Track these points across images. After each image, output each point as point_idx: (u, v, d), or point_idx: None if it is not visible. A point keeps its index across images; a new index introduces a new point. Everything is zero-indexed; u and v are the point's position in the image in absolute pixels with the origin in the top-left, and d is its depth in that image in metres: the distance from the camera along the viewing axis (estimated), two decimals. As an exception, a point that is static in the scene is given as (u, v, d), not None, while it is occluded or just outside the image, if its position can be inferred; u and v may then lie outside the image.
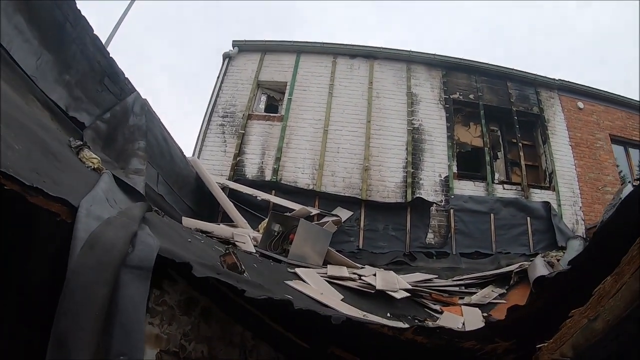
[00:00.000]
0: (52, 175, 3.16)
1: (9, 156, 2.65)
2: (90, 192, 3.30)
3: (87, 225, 2.50)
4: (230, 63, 13.69)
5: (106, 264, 2.27)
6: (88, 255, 2.27)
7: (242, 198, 10.68)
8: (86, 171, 4.65)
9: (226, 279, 2.84)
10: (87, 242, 2.35)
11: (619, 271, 1.84)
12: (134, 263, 2.40)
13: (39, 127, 4.19)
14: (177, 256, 2.73)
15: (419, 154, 12.01)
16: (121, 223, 2.77)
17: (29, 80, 5.14)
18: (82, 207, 2.64)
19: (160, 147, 8.25)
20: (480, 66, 13.99)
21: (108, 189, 3.95)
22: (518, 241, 10.81)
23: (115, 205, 3.52)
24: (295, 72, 13.39)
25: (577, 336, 2.03)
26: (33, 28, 5.18)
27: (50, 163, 3.58)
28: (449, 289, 7.69)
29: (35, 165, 3.05)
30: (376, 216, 10.91)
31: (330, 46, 13.88)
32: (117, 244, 2.43)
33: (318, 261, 7.96)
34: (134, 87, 7.62)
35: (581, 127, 13.52)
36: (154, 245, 2.60)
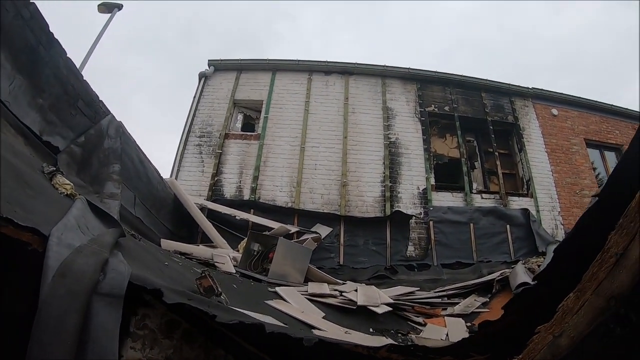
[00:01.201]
0: (24, 204, 3.15)
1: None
2: (62, 219, 3.27)
3: (58, 254, 2.49)
4: (206, 82, 13.69)
5: (77, 293, 2.26)
6: (59, 284, 2.27)
7: (221, 218, 10.66)
8: (59, 198, 4.58)
9: (197, 304, 2.81)
10: (58, 271, 2.35)
11: (580, 287, 1.86)
12: (105, 291, 2.39)
13: (11, 154, 4.15)
14: (149, 282, 2.71)
15: (396, 168, 12.06)
16: (92, 251, 2.77)
17: (2, 104, 5.05)
18: (53, 236, 2.63)
19: (137, 169, 8.17)
20: (454, 78, 14.15)
21: (80, 215, 3.90)
22: (499, 249, 10.87)
23: (87, 232, 3.49)
24: (271, 90, 13.43)
25: (544, 352, 2.03)
26: (5, 51, 5.11)
27: (22, 191, 3.55)
28: (432, 301, 7.67)
29: (7, 193, 3.02)
30: (356, 231, 10.91)
31: (305, 63, 13.96)
32: (87, 272, 2.43)
33: (299, 279, 7.92)
34: (108, 109, 7.55)
35: (556, 133, 13.74)
36: (125, 272, 2.59)
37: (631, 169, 1.84)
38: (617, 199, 1.78)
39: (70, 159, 6.28)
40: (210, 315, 2.76)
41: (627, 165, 1.98)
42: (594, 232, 1.88)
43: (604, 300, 1.72)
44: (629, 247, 1.62)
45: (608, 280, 1.71)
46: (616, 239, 1.71)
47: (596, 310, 1.75)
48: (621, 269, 1.65)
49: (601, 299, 1.73)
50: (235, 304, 3.95)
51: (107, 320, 2.30)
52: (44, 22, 5.72)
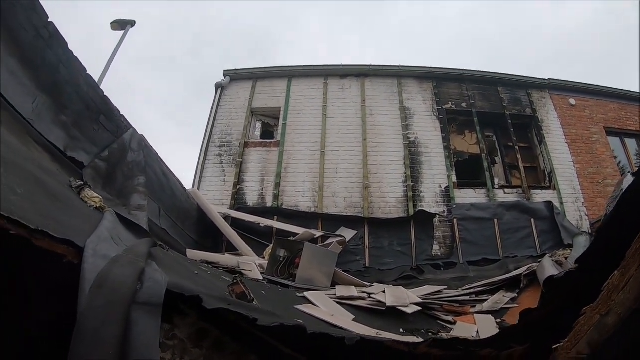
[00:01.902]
0: (56, 217, 3.18)
1: (13, 200, 2.69)
2: (95, 231, 3.31)
3: (94, 265, 2.52)
4: (222, 93, 13.80)
5: (116, 303, 2.27)
6: (97, 295, 2.28)
7: (244, 226, 10.71)
8: (89, 211, 4.65)
9: (237, 308, 2.84)
10: (95, 282, 2.36)
11: (625, 264, 1.87)
12: (143, 300, 2.40)
13: (39, 170, 4.22)
14: (186, 289, 2.73)
15: (417, 167, 12.06)
16: (128, 260, 2.79)
17: (26, 123, 5.15)
18: (88, 248, 2.65)
19: (160, 182, 8.27)
20: (470, 74, 14.10)
21: (112, 227, 3.94)
22: (524, 244, 10.79)
23: (120, 243, 3.51)
24: (288, 96, 13.52)
25: (592, 333, 2.03)
26: (27, 71, 5.22)
27: (53, 205, 3.60)
28: (460, 299, 7.59)
29: (39, 208, 3.07)
30: (380, 233, 10.90)
31: (320, 68, 14.02)
32: (125, 282, 2.45)
33: (326, 283, 7.91)
34: (129, 123, 7.63)
35: (575, 123, 13.60)
36: (163, 281, 2.61)
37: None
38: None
39: (95, 173, 6.35)
40: (251, 319, 2.76)
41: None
42: (636, 209, 1.89)
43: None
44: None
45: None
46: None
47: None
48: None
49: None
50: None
51: (146, 330, 2.31)
52: (63, 41, 5.82)
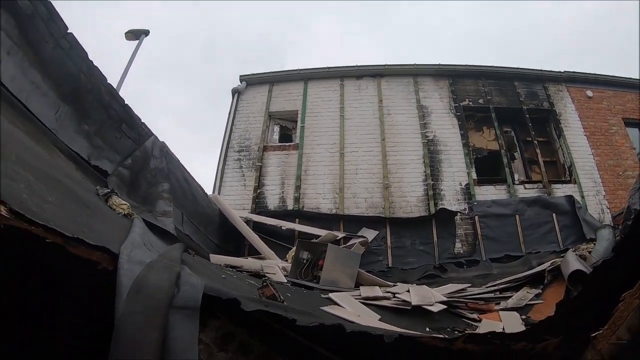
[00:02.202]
0: (88, 224, 3.22)
1: (46, 209, 2.73)
2: (127, 238, 3.38)
3: (130, 271, 2.54)
4: (239, 98, 13.92)
5: (154, 308, 2.30)
6: (135, 301, 2.30)
7: (266, 229, 10.78)
8: (117, 218, 4.74)
9: (275, 309, 2.85)
10: (132, 288, 2.39)
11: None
12: (180, 304, 2.42)
13: (67, 178, 4.30)
14: (223, 292, 2.75)
15: (436, 165, 12.06)
16: (163, 265, 2.84)
17: (50, 132, 5.27)
18: (122, 254, 2.69)
19: (182, 188, 8.37)
20: (485, 70, 14.08)
21: (143, 233, 4.00)
22: (546, 239, 10.72)
23: (152, 248, 3.56)
24: (305, 99, 13.59)
25: (631, 318, 2.06)
26: (49, 81, 5.34)
27: (84, 212, 3.66)
28: (484, 296, 7.60)
29: (71, 215, 3.13)
30: (402, 232, 10.92)
31: (336, 70, 14.09)
32: (162, 286, 2.48)
33: (350, 284, 7.93)
34: (150, 130, 7.76)
35: (593, 115, 13.47)
36: (199, 285, 2.63)
37: None
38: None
39: (120, 181, 6.47)
40: (290, 319, 2.78)
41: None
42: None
43: None
44: None
45: None
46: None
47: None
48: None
49: None
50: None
51: (184, 334, 2.33)
52: (83, 51, 5.93)
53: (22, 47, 4.93)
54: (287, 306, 3.38)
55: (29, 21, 5.01)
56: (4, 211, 2.17)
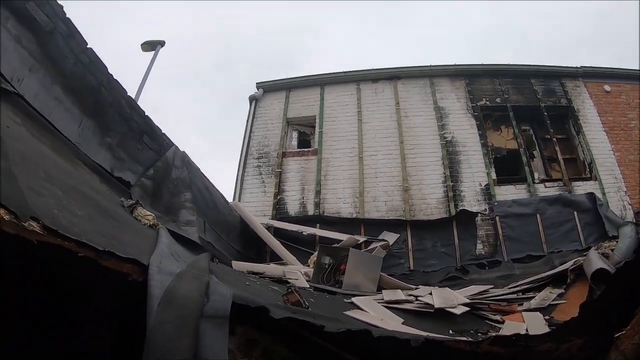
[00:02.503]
0: (116, 236, 3.32)
1: (76, 223, 2.82)
2: (155, 249, 3.47)
3: (160, 281, 2.59)
4: (257, 105, 14.05)
5: (185, 317, 2.35)
6: (166, 311, 2.35)
7: (287, 235, 10.86)
8: (143, 229, 4.85)
9: (303, 316, 2.92)
10: (163, 298, 2.43)
11: None
12: (210, 313, 2.47)
13: (92, 191, 4.42)
14: (251, 301, 2.80)
15: (456, 167, 12.05)
16: (192, 276, 2.88)
17: (74, 146, 5.42)
18: (152, 265, 2.74)
19: (204, 197, 8.48)
20: (501, 68, 14.03)
21: (170, 243, 4.10)
22: (568, 238, 10.64)
23: (179, 258, 3.61)
24: (322, 104, 13.67)
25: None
26: (70, 96, 5.49)
27: (111, 224, 3.75)
28: (507, 297, 7.57)
29: (100, 228, 3.21)
30: (423, 235, 10.93)
31: (352, 74, 14.14)
32: (192, 296, 2.54)
33: (372, 288, 7.97)
34: (171, 141, 7.92)
35: (612, 110, 13.32)
36: (228, 294, 2.68)
37: None
38: None
39: (143, 191, 6.63)
40: (319, 325, 2.84)
41: None
42: None
43: None
44: None
45: None
46: None
47: None
48: None
49: None
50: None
51: (214, 342, 2.37)
52: (103, 65, 6.09)
53: (44, 63, 5.09)
54: (314, 312, 3.42)
55: (49, 38, 5.16)
56: (37, 228, 2.25)
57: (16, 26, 4.68)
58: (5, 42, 4.49)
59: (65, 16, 5.44)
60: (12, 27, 4.62)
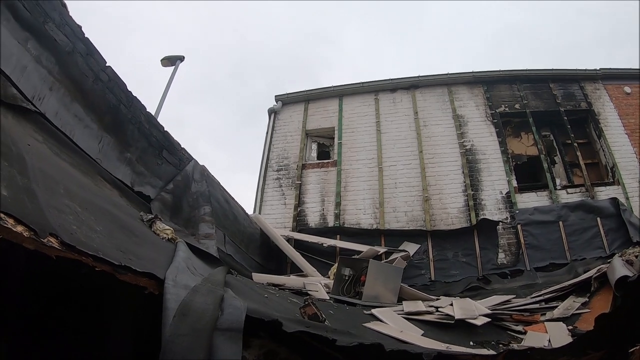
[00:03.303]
0: (134, 251, 3.39)
1: (94, 239, 2.91)
2: (172, 263, 3.54)
3: (176, 295, 2.69)
4: (276, 117, 14.19)
5: (200, 330, 2.43)
6: (182, 323, 2.44)
7: (307, 247, 10.94)
8: (162, 242, 4.92)
9: (316, 330, 2.97)
10: (178, 311, 2.52)
11: None
12: (225, 326, 2.54)
13: (112, 206, 4.53)
14: (265, 314, 2.88)
15: (476, 175, 12.01)
16: (208, 289, 2.98)
17: (94, 162, 5.53)
18: (168, 279, 2.85)
19: (223, 209, 8.57)
20: (519, 74, 13.94)
21: (187, 257, 4.17)
22: (592, 244, 10.50)
23: (195, 272, 3.72)
24: (341, 115, 13.76)
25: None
26: (91, 114, 5.60)
27: (129, 239, 3.84)
28: (529, 307, 7.46)
29: (118, 243, 3.29)
30: (444, 245, 10.90)
31: (370, 84, 14.20)
32: (207, 309, 2.62)
33: (392, 299, 7.96)
34: (190, 155, 8.02)
35: (633, 112, 13.05)
36: (242, 307, 2.75)
37: None
38: None
39: (163, 205, 6.72)
40: (331, 339, 2.88)
41: None
42: None
43: None
44: None
45: None
46: None
47: None
48: None
49: None
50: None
51: (228, 354, 2.44)
52: (122, 82, 6.22)
53: (64, 82, 5.21)
54: (328, 326, 3.47)
55: (68, 58, 5.27)
56: (55, 244, 2.35)
57: (36, 47, 4.79)
58: (26, 63, 4.62)
59: (84, 36, 5.56)
60: (32, 47, 4.73)
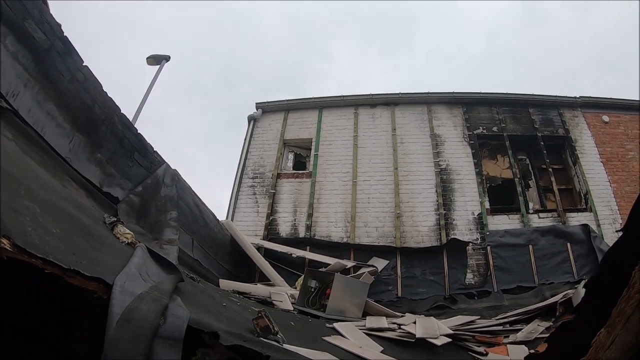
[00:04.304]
0: (89, 255, 3.37)
1: (48, 241, 2.89)
2: (124, 269, 3.49)
3: (121, 301, 2.72)
4: (255, 125, 14.16)
5: (141, 337, 2.46)
6: (124, 329, 2.47)
7: (277, 256, 10.89)
8: (121, 247, 4.79)
9: (251, 345, 2.96)
10: (122, 317, 2.56)
11: (611, 323, 1.91)
12: (165, 334, 2.58)
13: (74, 208, 4.44)
14: (206, 325, 2.90)
15: (449, 195, 12.04)
16: (153, 297, 2.97)
17: (64, 162, 5.46)
18: (116, 284, 2.86)
19: (193, 214, 8.52)
20: (499, 97, 14.07)
21: (141, 263, 4.10)
22: (561, 269, 10.57)
23: (148, 278, 3.70)
24: (319, 127, 13.76)
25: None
26: (64, 113, 5.53)
27: (87, 242, 3.78)
28: (493, 329, 7.44)
29: (73, 246, 3.27)
30: (412, 262, 10.88)
31: (350, 98, 14.22)
32: (149, 317, 2.63)
33: (357, 313, 7.95)
34: (163, 159, 7.97)
35: (610, 141, 13.27)
36: (184, 317, 2.78)
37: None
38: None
39: (130, 208, 6.66)
40: (264, 355, 2.92)
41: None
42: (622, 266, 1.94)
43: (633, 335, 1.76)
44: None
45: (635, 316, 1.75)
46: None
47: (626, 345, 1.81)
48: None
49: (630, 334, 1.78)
50: (293, 342, 4.09)
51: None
52: (98, 83, 6.17)
53: (39, 80, 5.15)
54: (266, 342, 3.43)
55: (46, 56, 5.23)
56: (7, 245, 2.34)
57: (14, 43, 4.74)
58: (3, 58, 4.57)
59: (63, 35, 5.51)
60: (10, 43, 4.68)
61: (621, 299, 1.88)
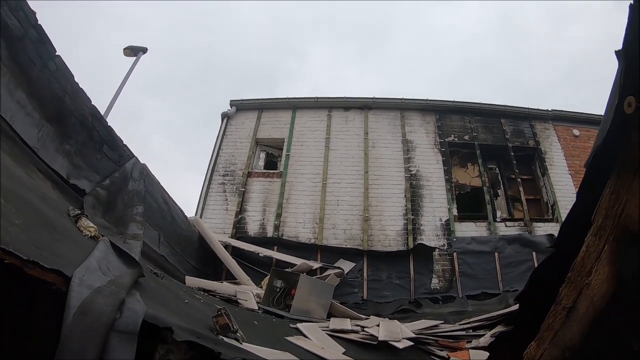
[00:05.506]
0: (50, 247, 3.34)
1: (10, 232, 2.87)
2: (84, 262, 3.44)
3: (79, 294, 2.70)
4: (229, 122, 14.08)
5: (96, 330, 2.46)
6: (80, 322, 2.47)
7: (244, 255, 10.83)
8: (83, 240, 4.72)
9: (204, 342, 2.95)
10: (79, 310, 2.55)
11: (540, 336, 1.95)
12: (121, 328, 2.58)
13: (39, 199, 4.38)
14: (161, 321, 2.88)
15: (418, 200, 12.09)
16: (110, 291, 2.96)
17: (31, 151, 5.35)
18: (75, 277, 2.83)
19: (161, 209, 8.44)
20: (472, 106, 14.21)
21: (102, 257, 4.04)
22: (525, 277, 10.37)
23: (108, 272, 3.67)
24: (292, 127, 13.72)
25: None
26: (34, 102, 5.42)
27: (49, 234, 3.75)
28: (456, 334, 7.49)
29: (34, 238, 3.24)
30: (379, 265, 10.91)
31: (324, 100, 14.23)
32: (105, 311, 2.63)
33: (322, 314, 7.96)
34: (132, 153, 7.86)
35: (579, 154, 13.51)
36: (140, 311, 2.78)
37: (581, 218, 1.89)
38: (569, 251, 1.85)
39: (96, 201, 6.53)
40: (216, 352, 2.90)
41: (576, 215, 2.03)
42: (551, 283, 1.95)
43: (559, 350, 1.79)
44: (577, 301, 1.69)
45: (562, 332, 1.78)
46: (566, 292, 1.78)
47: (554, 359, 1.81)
48: (571, 322, 1.72)
49: (557, 349, 1.80)
50: (255, 341, 4.05)
51: (122, 355, 2.48)
52: (69, 73, 6.06)
53: (11, 68, 5.04)
54: (220, 340, 3.44)
55: (18, 43, 5.13)
56: None
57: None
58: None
59: (37, 23, 5.44)
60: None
61: (549, 314, 1.92)
